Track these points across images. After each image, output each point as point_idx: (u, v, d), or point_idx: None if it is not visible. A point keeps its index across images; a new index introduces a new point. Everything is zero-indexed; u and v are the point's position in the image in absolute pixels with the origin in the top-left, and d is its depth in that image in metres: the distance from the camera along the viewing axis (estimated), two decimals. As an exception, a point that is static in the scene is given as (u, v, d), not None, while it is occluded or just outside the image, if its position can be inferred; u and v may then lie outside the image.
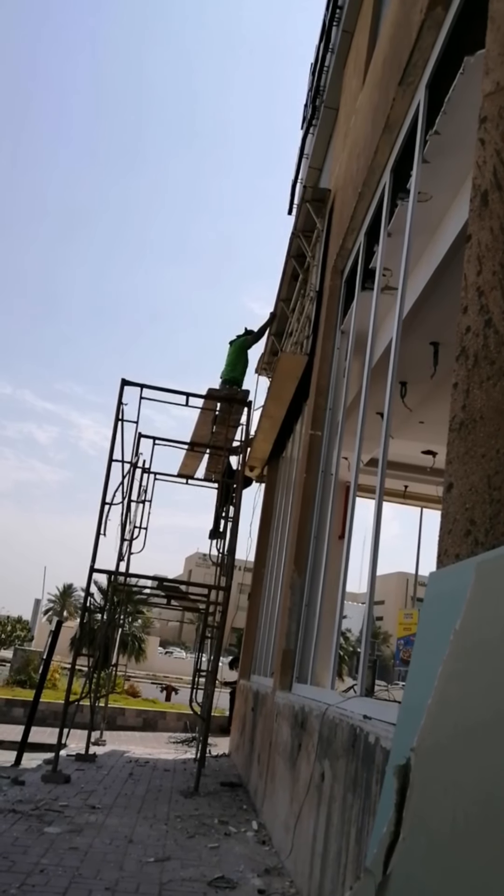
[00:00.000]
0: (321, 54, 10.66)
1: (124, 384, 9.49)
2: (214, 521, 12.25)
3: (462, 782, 1.62)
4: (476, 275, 2.89)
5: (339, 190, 8.19)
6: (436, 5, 4.26)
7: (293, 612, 7.28)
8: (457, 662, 1.88)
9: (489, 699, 1.60)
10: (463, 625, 1.91)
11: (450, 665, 1.91)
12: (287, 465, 11.14)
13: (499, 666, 1.60)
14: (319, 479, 7.57)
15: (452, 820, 1.61)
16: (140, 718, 16.12)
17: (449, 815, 1.63)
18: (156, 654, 43.26)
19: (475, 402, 2.78)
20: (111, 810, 6.72)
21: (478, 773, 1.55)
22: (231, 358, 11.45)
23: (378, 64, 6.22)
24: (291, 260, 10.55)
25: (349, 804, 3.69)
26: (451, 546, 2.78)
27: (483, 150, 3.01)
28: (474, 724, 1.64)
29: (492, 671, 1.65)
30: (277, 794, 6.18)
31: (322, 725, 4.66)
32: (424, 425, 9.11)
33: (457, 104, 4.35)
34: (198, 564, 61.23)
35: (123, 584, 11.45)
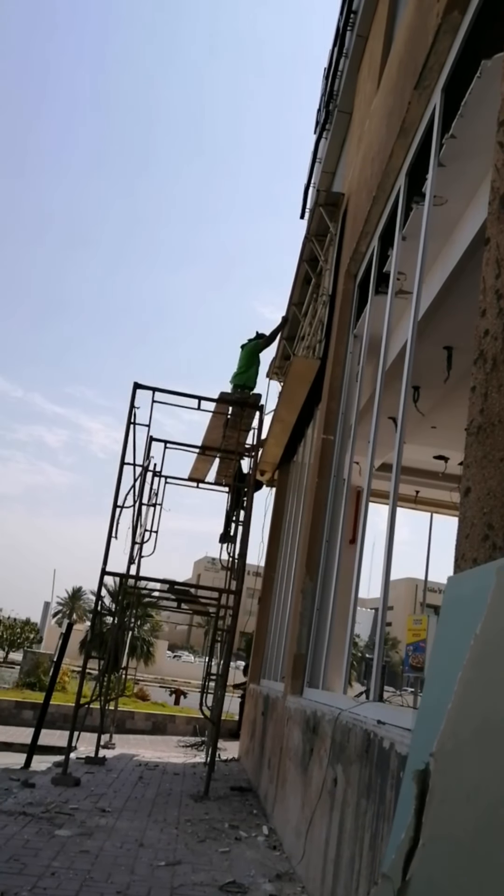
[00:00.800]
0: (335, 59, 10.67)
1: (136, 388, 9.51)
2: (225, 525, 12.25)
3: (482, 787, 1.60)
4: (495, 278, 2.88)
5: (352, 194, 8.19)
6: (452, 9, 4.26)
7: (304, 617, 7.26)
8: (478, 667, 1.86)
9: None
10: (484, 629, 1.90)
11: (470, 670, 1.90)
12: (298, 470, 11.13)
13: (522, 671, 1.58)
14: (331, 484, 7.55)
15: (475, 825, 1.59)
16: (149, 722, 16.12)
17: (471, 821, 1.61)
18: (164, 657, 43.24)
19: (493, 406, 2.76)
20: (121, 814, 6.71)
21: (498, 778, 1.53)
22: (242, 362, 11.44)
23: (393, 68, 6.22)
24: (304, 264, 10.55)
25: (363, 810, 3.67)
26: (469, 550, 2.77)
27: (501, 153, 3.00)
28: (495, 728, 1.63)
29: (514, 676, 1.63)
30: (288, 798, 6.15)
31: (335, 730, 4.64)
32: (437, 430, 9.07)
33: (473, 107, 4.34)
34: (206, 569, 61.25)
35: (134, 587, 11.46)
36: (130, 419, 9.42)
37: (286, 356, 12.74)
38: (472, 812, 1.60)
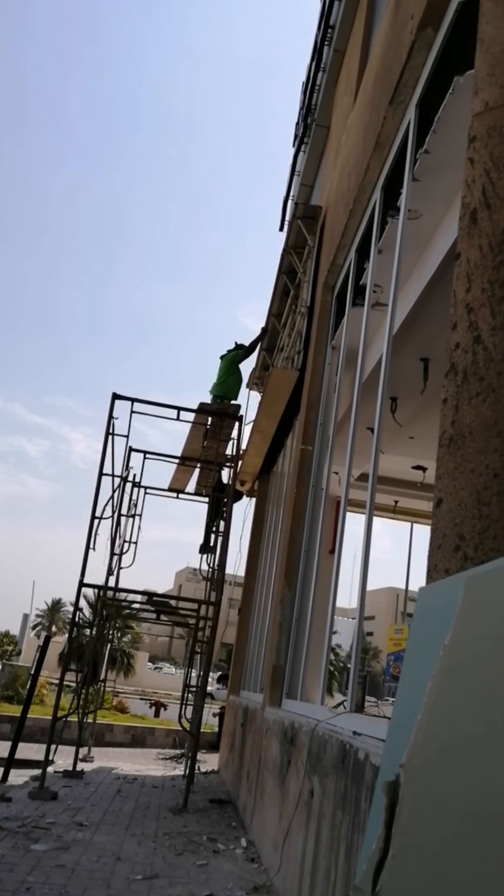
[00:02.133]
0: (313, 73, 10.77)
1: (115, 398, 9.50)
2: (205, 536, 12.23)
3: (451, 799, 1.62)
4: (465, 292, 2.92)
5: (330, 207, 8.25)
6: (426, 26, 4.32)
7: (283, 628, 7.26)
8: (446, 678, 1.88)
9: (478, 715, 1.60)
10: (452, 640, 1.92)
11: (439, 681, 1.91)
12: (278, 480, 11.15)
13: (488, 682, 1.60)
14: (310, 494, 7.58)
15: (442, 836, 1.61)
16: (128, 735, 15.99)
17: (438, 832, 1.63)
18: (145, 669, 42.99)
19: (464, 418, 2.80)
20: (99, 827, 6.66)
21: (467, 789, 1.55)
22: (222, 372, 11.47)
23: (369, 83, 6.29)
24: (283, 276, 10.61)
25: (338, 821, 3.67)
26: (441, 561, 2.79)
27: (472, 169, 3.04)
28: (464, 740, 1.64)
29: (481, 687, 1.65)
30: (266, 810, 6.14)
31: (311, 742, 4.64)
32: (414, 440, 9.14)
33: (447, 123, 4.40)
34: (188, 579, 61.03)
35: (112, 599, 11.40)
36: (109, 430, 9.40)
37: (265, 367, 12.78)
38: (439, 823, 1.62)
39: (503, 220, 2.89)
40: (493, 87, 3.07)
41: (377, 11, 7.37)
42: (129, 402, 9.56)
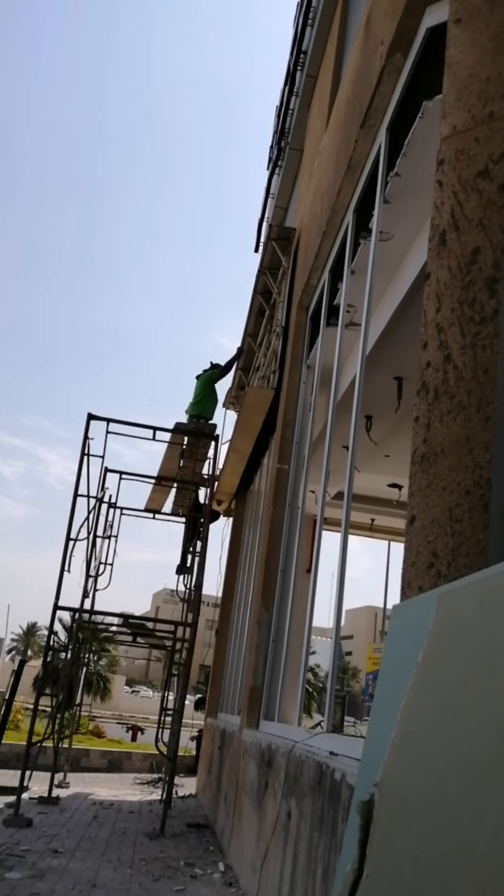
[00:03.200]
0: (286, 97, 10.91)
1: (90, 418, 9.46)
2: (181, 556, 12.17)
3: (424, 817, 1.61)
4: (435, 311, 2.96)
5: (303, 229, 8.33)
6: (396, 52, 4.40)
7: (260, 648, 7.23)
8: (419, 695, 1.88)
9: (449, 733, 1.60)
10: (425, 658, 1.92)
11: (412, 698, 1.91)
12: (255, 499, 11.14)
13: (460, 699, 1.61)
14: (286, 513, 7.58)
15: (415, 856, 1.60)
16: (105, 759, 15.78)
17: (412, 852, 1.62)
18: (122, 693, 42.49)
19: (436, 436, 2.82)
20: (74, 854, 6.54)
21: (437, 809, 1.55)
22: (198, 392, 11.47)
23: (341, 107, 6.38)
24: (258, 296, 10.67)
25: (315, 843, 3.64)
26: (415, 578, 2.80)
27: (441, 192, 3.09)
28: (435, 759, 1.64)
29: (453, 704, 1.65)
30: (244, 834, 6.07)
31: (289, 763, 4.61)
32: (390, 458, 9.19)
33: (416, 147, 4.47)
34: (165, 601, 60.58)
35: (88, 622, 11.28)
36: (84, 450, 9.36)
37: (242, 386, 12.81)
38: (411, 842, 1.61)
39: (471, 242, 2.94)
40: (461, 112, 3.13)
41: (348, 37, 7.50)
42: (105, 422, 9.52)
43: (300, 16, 9.64)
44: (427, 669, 1.89)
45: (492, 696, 1.43)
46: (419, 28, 4.14)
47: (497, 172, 2.95)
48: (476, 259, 2.90)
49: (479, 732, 1.43)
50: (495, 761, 1.33)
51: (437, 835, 1.52)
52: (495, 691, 1.42)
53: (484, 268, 2.87)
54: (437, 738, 1.68)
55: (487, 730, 1.40)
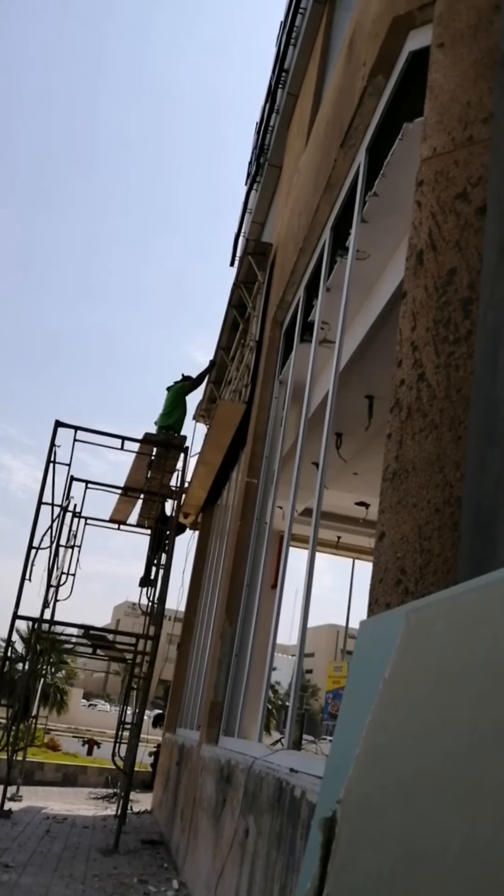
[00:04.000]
0: (266, 114, 11.00)
1: (58, 426, 9.37)
2: (145, 569, 12.05)
3: (387, 835, 1.60)
4: (411, 330, 2.98)
5: (280, 245, 8.37)
6: (377, 73, 4.45)
7: (222, 663, 7.17)
8: (385, 712, 1.87)
9: (416, 750, 1.59)
10: (392, 674, 1.91)
11: (378, 715, 1.90)
12: (222, 513, 11.10)
13: (426, 716, 1.60)
14: (254, 528, 7.55)
15: (377, 874, 1.58)
16: (59, 773, 15.53)
17: (373, 870, 1.60)
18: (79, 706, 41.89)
19: (408, 453, 2.83)
20: (25, 869, 6.40)
21: (403, 825, 1.53)
22: (168, 403, 11.44)
23: (321, 126, 6.44)
24: (232, 310, 10.69)
25: (273, 861, 3.60)
26: (382, 595, 2.80)
27: (419, 212, 3.12)
28: (400, 775, 1.63)
29: (419, 721, 1.64)
30: (200, 851, 5.99)
31: (248, 779, 4.57)
32: (358, 477, 9.22)
33: (395, 168, 4.52)
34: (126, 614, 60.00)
35: (48, 633, 11.11)
36: (50, 458, 9.25)
37: (213, 399, 12.79)
38: (374, 860, 1.59)
39: (448, 263, 2.97)
40: (441, 134, 3.17)
41: (330, 58, 7.59)
42: (73, 430, 9.44)
43: (283, 35, 9.73)
44: (394, 686, 1.88)
45: (458, 714, 1.42)
46: (402, 51, 4.19)
47: (475, 195, 2.99)
48: (452, 280, 2.93)
49: (446, 749, 1.42)
50: (461, 778, 1.32)
51: (402, 851, 1.51)
52: (461, 709, 1.41)
53: (460, 289, 2.90)
54: (403, 754, 1.66)
55: (453, 747, 1.39)
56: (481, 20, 3.24)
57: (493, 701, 1.30)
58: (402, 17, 4.06)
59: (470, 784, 1.28)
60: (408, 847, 1.47)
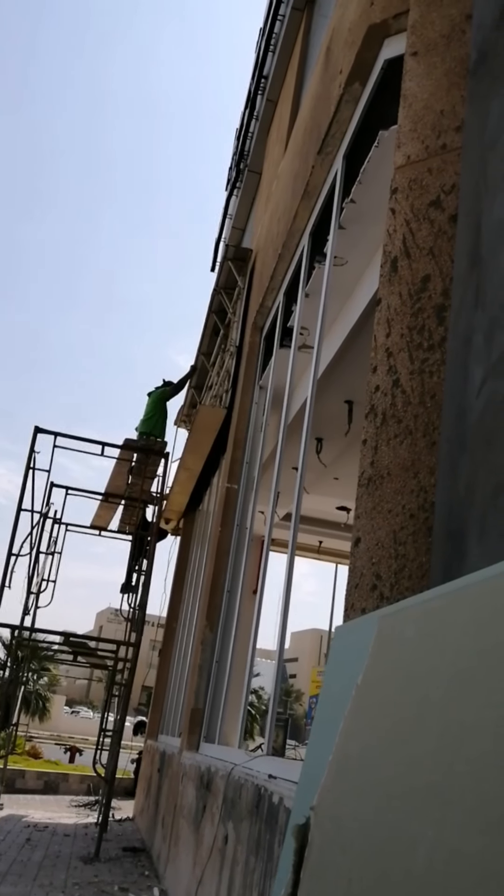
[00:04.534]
0: (246, 121, 11.02)
1: (37, 431, 9.33)
2: (127, 575, 12.02)
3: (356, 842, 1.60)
4: (385, 337, 2.99)
5: (260, 250, 8.39)
6: (354, 81, 4.48)
7: (203, 669, 7.15)
8: (357, 718, 1.87)
9: (385, 756, 1.59)
10: (364, 680, 1.91)
11: (351, 721, 1.90)
12: (203, 519, 11.09)
13: (395, 722, 1.60)
14: (234, 533, 7.55)
15: (349, 880, 1.58)
16: (41, 781, 15.41)
17: (345, 876, 1.60)
18: (61, 713, 41.60)
19: (383, 459, 2.84)
20: (5, 878, 6.35)
21: (372, 833, 1.54)
22: (149, 409, 11.42)
23: (299, 133, 6.46)
24: (213, 315, 10.69)
25: (251, 868, 3.59)
26: (358, 600, 2.81)
27: (394, 220, 3.15)
28: (370, 782, 1.63)
29: (390, 727, 1.65)
30: (181, 858, 5.97)
31: (227, 786, 4.55)
32: (339, 481, 9.24)
33: (371, 175, 4.54)
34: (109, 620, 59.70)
35: (28, 640, 11.03)
36: (30, 464, 9.21)
37: (193, 405, 12.78)
38: (345, 866, 1.60)
39: (422, 270, 2.99)
40: (415, 142, 3.19)
41: (309, 65, 7.62)
42: (53, 435, 9.40)
43: (262, 41, 9.77)
44: (366, 692, 1.88)
45: (425, 720, 1.43)
46: (377, 59, 4.22)
47: (448, 203, 3.01)
48: (426, 287, 2.95)
49: (415, 757, 1.43)
50: (427, 784, 1.33)
51: (371, 858, 1.51)
52: (428, 715, 1.42)
53: (433, 295, 2.92)
54: (374, 761, 1.67)
55: (420, 753, 1.39)
56: (454, 29, 3.27)
57: (458, 706, 1.30)
58: (378, 26, 4.09)
59: (436, 791, 1.29)
60: (377, 854, 1.47)
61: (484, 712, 1.21)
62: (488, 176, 2.29)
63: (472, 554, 1.99)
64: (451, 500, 2.22)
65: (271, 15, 9.23)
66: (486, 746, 1.16)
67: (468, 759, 1.22)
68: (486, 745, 1.16)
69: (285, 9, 8.48)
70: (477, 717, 1.23)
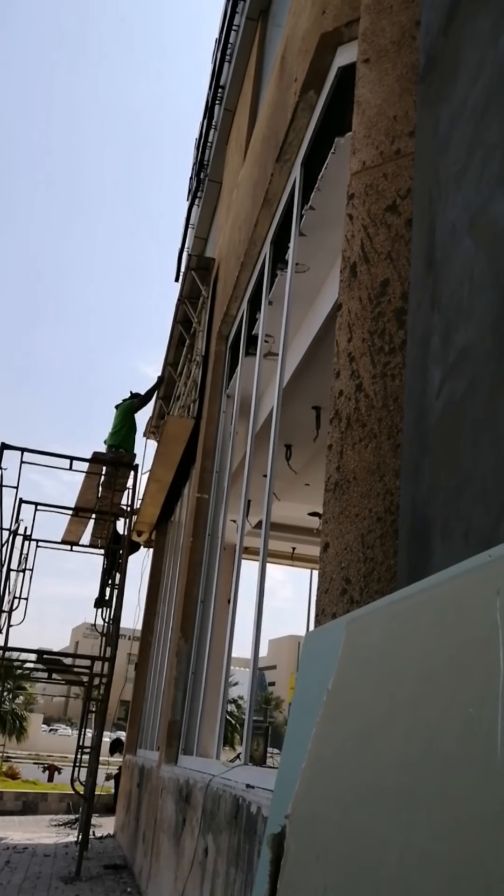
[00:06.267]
0: (205, 130, 11.05)
1: (3, 448, 9.22)
2: (100, 589, 11.90)
3: (333, 849, 1.59)
4: (347, 342, 3.00)
5: (222, 259, 8.40)
6: (309, 89, 4.51)
7: (179, 681, 7.10)
8: (329, 724, 1.87)
9: (356, 762, 1.59)
10: (334, 685, 1.91)
11: (322, 727, 1.90)
12: (175, 529, 11.04)
13: (364, 727, 1.60)
14: (206, 543, 7.52)
15: (324, 887, 1.57)
16: (19, 801, 15.20)
17: (320, 883, 1.59)
18: (39, 732, 41.08)
19: (349, 463, 2.85)
20: (-17, 905, 6.24)
21: (344, 839, 1.53)
22: (117, 422, 11.35)
23: (257, 141, 6.49)
24: (178, 325, 10.68)
25: (232, 879, 3.56)
26: (328, 605, 2.81)
27: (352, 225, 3.16)
28: (342, 788, 1.63)
29: (360, 732, 1.64)
30: (162, 873, 5.91)
31: (206, 798, 4.52)
32: (310, 487, 9.26)
33: (329, 181, 4.57)
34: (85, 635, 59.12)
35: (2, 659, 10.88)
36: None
37: (162, 416, 12.74)
38: (320, 873, 1.59)
39: (381, 274, 3.01)
40: (369, 148, 3.22)
41: (264, 74, 7.67)
42: (19, 451, 9.30)
43: (218, 51, 9.81)
44: (336, 697, 1.88)
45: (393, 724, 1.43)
46: (331, 67, 4.25)
47: (404, 207, 3.04)
48: (385, 291, 2.97)
49: (384, 760, 1.43)
50: (396, 789, 1.32)
51: (345, 864, 1.50)
52: (396, 719, 1.42)
53: (393, 299, 2.94)
54: (345, 766, 1.66)
55: (389, 757, 1.39)
56: (404, 36, 3.31)
57: (424, 709, 1.30)
58: (330, 34, 4.12)
59: (404, 794, 1.28)
60: (349, 860, 1.46)
61: (449, 712, 1.21)
62: (440, 179, 2.31)
63: (436, 554, 2.00)
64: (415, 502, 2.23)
65: (226, 25, 9.28)
66: (452, 747, 1.16)
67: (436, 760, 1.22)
68: (452, 746, 1.16)
69: (240, 19, 8.53)
70: (443, 717, 1.23)
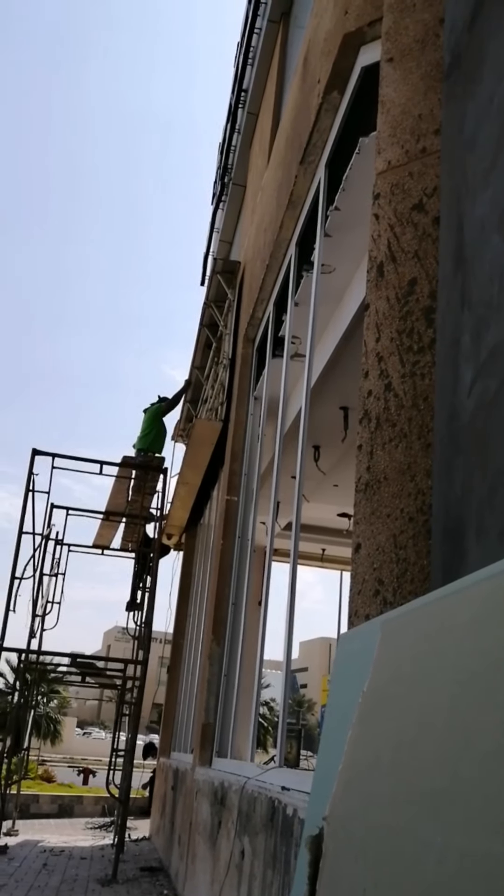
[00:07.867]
0: (228, 134, 11.09)
1: (35, 454, 9.32)
2: (131, 593, 11.98)
3: (369, 851, 1.59)
4: (375, 341, 3.00)
5: (248, 262, 8.42)
6: (332, 90, 4.51)
7: (212, 684, 7.12)
8: (364, 725, 1.86)
9: (393, 763, 1.58)
10: (370, 686, 1.90)
11: (358, 728, 1.89)
12: (205, 532, 11.07)
13: (401, 728, 1.59)
14: (236, 545, 7.53)
15: (363, 889, 1.57)
16: (55, 805, 15.32)
17: (360, 885, 1.59)
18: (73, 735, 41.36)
19: (379, 464, 2.84)
20: (22, 907, 6.30)
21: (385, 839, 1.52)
22: (145, 426, 11.42)
23: (281, 144, 6.50)
24: (204, 329, 10.72)
25: (269, 881, 3.56)
26: (361, 607, 2.80)
27: (378, 225, 3.16)
28: (380, 789, 1.62)
29: (396, 734, 1.64)
30: (198, 875, 5.92)
31: (241, 800, 4.53)
32: (339, 488, 9.24)
33: (354, 182, 4.56)
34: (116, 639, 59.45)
35: (36, 663, 10.99)
36: (29, 486, 9.20)
37: (190, 419, 12.79)
38: (359, 874, 1.58)
39: (408, 273, 3.00)
40: (395, 147, 3.21)
41: (287, 76, 7.67)
42: (50, 457, 9.39)
43: (240, 55, 9.84)
44: (372, 699, 1.88)
45: (430, 724, 1.42)
46: (354, 67, 4.25)
47: (431, 206, 3.02)
48: (413, 290, 2.96)
49: (422, 761, 1.42)
50: (435, 789, 1.32)
51: (384, 866, 1.50)
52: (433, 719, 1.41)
53: (421, 298, 2.93)
54: (383, 768, 1.66)
55: (428, 759, 1.39)
56: (428, 34, 3.29)
57: (461, 710, 1.30)
58: (353, 34, 4.12)
59: (443, 795, 1.28)
60: (388, 861, 1.46)
61: (487, 712, 1.20)
62: (468, 177, 2.30)
63: (471, 554, 1.99)
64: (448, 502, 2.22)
65: (248, 28, 9.31)
66: (491, 746, 1.16)
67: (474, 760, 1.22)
68: (491, 746, 1.16)
69: (262, 21, 8.55)
70: (480, 717, 1.22)
